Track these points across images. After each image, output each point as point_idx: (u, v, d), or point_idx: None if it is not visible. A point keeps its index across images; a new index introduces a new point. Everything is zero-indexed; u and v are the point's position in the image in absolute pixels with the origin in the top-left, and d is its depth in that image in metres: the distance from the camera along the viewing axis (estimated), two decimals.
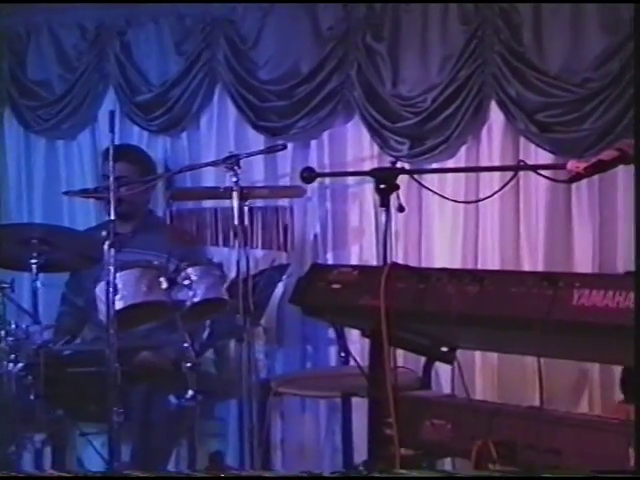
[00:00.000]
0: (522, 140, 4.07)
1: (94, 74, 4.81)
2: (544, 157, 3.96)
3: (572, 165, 2.47)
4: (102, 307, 3.52)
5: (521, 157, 4.00)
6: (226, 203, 3.90)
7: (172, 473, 3.35)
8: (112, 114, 3.60)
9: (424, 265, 4.12)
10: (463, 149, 4.19)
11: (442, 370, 3.80)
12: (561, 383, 2.87)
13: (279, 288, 4.20)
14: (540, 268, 3.96)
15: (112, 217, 3.47)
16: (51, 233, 3.84)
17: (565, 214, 4.02)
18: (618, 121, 3.80)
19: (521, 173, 3.84)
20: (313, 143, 4.50)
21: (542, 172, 2.77)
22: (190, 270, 3.65)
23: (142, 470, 3.64)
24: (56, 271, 4.10)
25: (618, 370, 3.70)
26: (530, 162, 3.81)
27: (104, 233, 3.45)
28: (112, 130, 3.55)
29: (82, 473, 3.20)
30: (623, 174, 3.81)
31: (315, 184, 4.29)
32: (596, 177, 3.56)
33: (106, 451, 3.62)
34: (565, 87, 3.90)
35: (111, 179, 3.51)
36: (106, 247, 3.43)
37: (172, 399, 3.82)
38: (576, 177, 2.48)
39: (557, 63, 3.93)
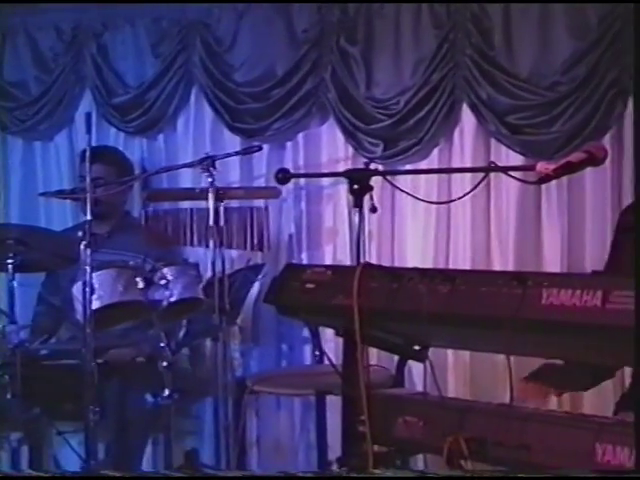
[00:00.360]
0: (493, 142, 4.09)
1: (71, 76, 4.79)
2: (515, 159, 3.98)
3: (541, 167, 2.47)
4: (79, 307, 3.51)
5: (492, 158, 4.02)
6: (202, 204, 3.90)
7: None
8: (89, 116, 3.60)
9: (397, 265, 4.14)
10: (435, 151, 4.21)
11: (415, 368, 3.81)
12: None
13: (254, 288, 4.20)
14: (510, 268, 3.97)
15: (89, 218, 3.48)
16: (27, 234, 3.83)
17: (535, 215, 4.04)
18: (586, 124, 3.83)
19: (492, 174, 3.85)
20: (288, 145, 4.51)
21: (512, 173, 2.77)
22: (166, 270, 3.64)
23: (116, 468, 3.65)
24: (32, 271, 4.09)
25: None
26: (501, 163, 3.80)
27: (80, 233, 3.45)
28: (89, 131, 3.55)
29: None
30: (591, 176, 3.84)
31: (290, 185, 4.31)
32: (565, 178, 3.58)
33: (83, 449, 3.63)
34: (535, 90, 3.93)
35: (88, 180, 3.51)
36: (82, 247, 3.42)
37: (148, 397, 3.82)
38: (545, 178, 2.49)
39: (527, 67, 3.95)
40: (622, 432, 2.17)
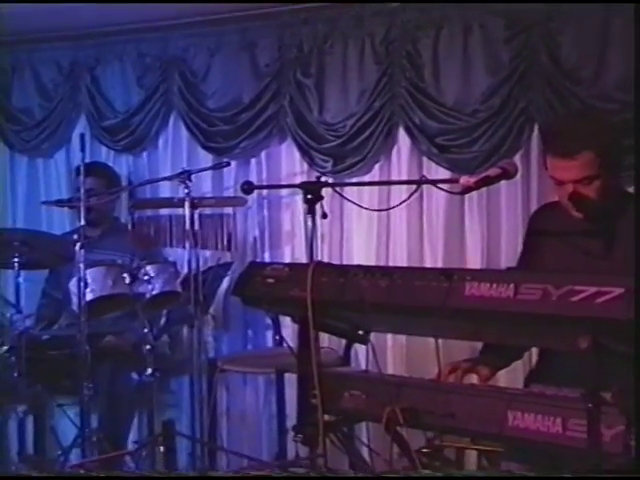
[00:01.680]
0: (425, 159, 4.08)
1: (68, 103, 4.74)
2: (443, 173, 3.98)
3: (464, 180, 2.47)
4: (75, 299, 3.48)
5: (424, 173, 4.02)
6: (179, 211, 3.89)
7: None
8: (82, 136, 3.62)
9: (345, 263, 4.12)
10: (377, 166, 4.20)
11: (360, 350, 3.80)
12: (456, 359, 2.88)
13: (224, 282, 4.16)
14: (439, 265, 3.98)
15: (82, 223, 3.47)
16: (31, 237, 3.80)
17: (459, 220, 4.04)
18: (501, 144, 3.83)
19: (424, 186, 3.84)
20: (253, 161, 4.48)
21: (440, 185, 2.77)
22: (149, 267, 3.62)
23: (107, 436, 3.62)
24: (35, 269, 4.05)
25: None
26: (431, 177, 3.83)
27: (76, 236, 3.44)
28: (82, 150, 3.56)
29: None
30: (505, 187, 3.85)
31: (254, 195, 4.29)
32: (484, 190, 3.57)
33: (78, 419, 3.60)
34: (459, 116, 3.93)
35: (82, 191, 3.50)
36: (77, 248, 3.41)
37: (134, 376, 3.80)
38: (467, 189, 2.48)
39: (452, 97, 3.95)
40: (529, 401, 2.19)
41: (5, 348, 3.55)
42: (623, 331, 1.93)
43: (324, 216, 2.65)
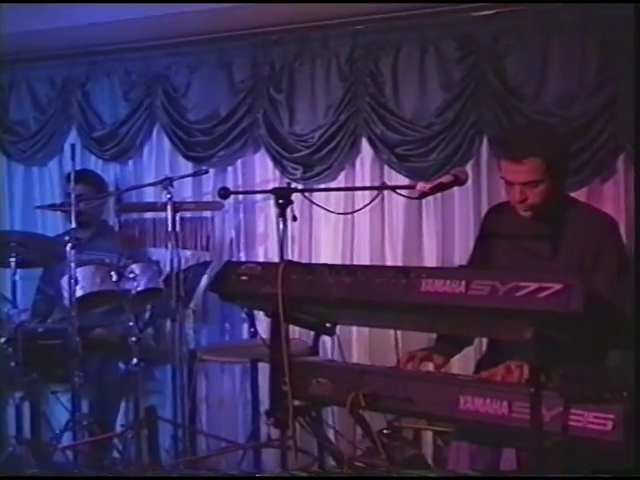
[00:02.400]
0: (386, 167, 4.08)
1: (61, 116, 4.68)
2: (402, 180, 3.98)
3: (420, 186, 2.48)
4: (66, 295, 3.46)
5: (385, 180, 4.02)
6: (162, 214, 3.87)
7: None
8: (73, 147, 3.61)
9: (313, 262, 4.11)
10: (342, 174, 4.19)
11: (327, 341, 3.80)
12: (413, 349, 2.89)
13: (204, 279, 4.13)
14: (399, 263, 3.98)
15: (73, 226, 3.45)
16: (26, 238, 3.77)
17: (417, 222, 4.04)
18: (454, 154, 3.84)
19: (385, 191, 3.85)
20: (229, 169, 4.44)
21: (399, 191, 2.77)
22: (134, 266, 3.60)
23: (97, 419, 3.59)
24: (30, 267, 4.01)
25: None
26: (391, 184, 3.84)
27: (67, 238, 3.41)
28: (73, 158, 3.55)
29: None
30: (459, 193, 3.85)
31: (231, 200, 4.28)
32: (439, 195, 3.58)
33: (70, 405, 3.57)
34: (416, 129, 3.93)
35: (72, 196, 3.47)
36: (69, 249, 3.38)
37: (121, 365, 3.77)
38: (423, 195, 2.49)
39: (410, 111, 3.95)
40: (479, 386, 2.20)
41: (3, 340, 3.51)
42: (563, 322, 1.95)
43: (294, 219, 2.65)
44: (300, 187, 4.05)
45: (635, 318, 1.91)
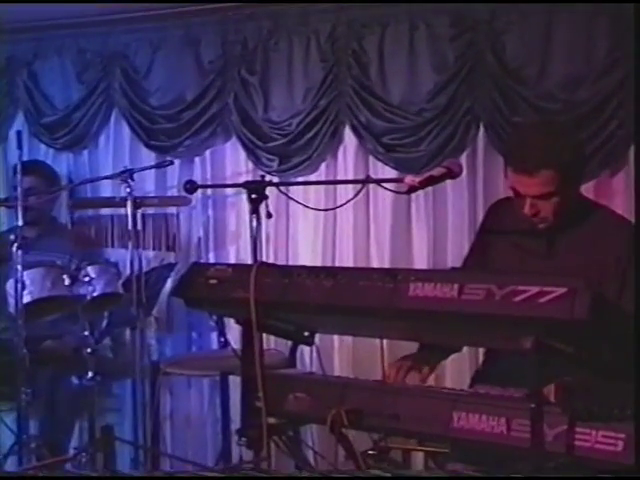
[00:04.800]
0: (371, 158, 4.10)
1: (5, 99, 4.67)
2: (389, 172, 4.00)
3: (409, 179, 2.48)
4: (12, 301, 3.43)
5: (370, 172, 4.03)
6: (121, 211, 3.86)
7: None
8: (19, 134, 3.58)
9: (290, 263, 4.13)
10: (323, 165, 4.20)
11: (306, 351, 3.80)
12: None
13: (168, 283, 4.13)
14: (386, 264, 4.00)
15: (20, 223, 3.42)
16: None
17: (406, 220, 4.06)
18: (446, 144, 3.86)
19: (371, 185, 3.84)
20: (197, 160, 4.45)
21: (386, 185, 2.78)
22: (90, 269, 3.59)
23: (47, 442, 3.57)
24: None
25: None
26: (377, 176, 3.85)
27: (12, 237, 3.39)
28: (20, 147, 3.53)
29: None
30: (452, 187, 3.88)
31: (199, 194, 4.28)
32: (430, 189, 3.62)
33: (16, 426, 3.55)
34: (405, 115, 3.95)
35: (19, 190, 3.45)
36: (14, 249, 3.36)
37: (74, 380, 3.75)
38: (412, 189, 2.49)
39: (398, 96, 3.97)
40: (474, 402, 2.21)
41: None
42: (566, 331, 1.97)
43: (269, 216, 2.64)
44: (276, 180, 4.06)
45: (636, 316, 1.93)
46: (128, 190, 3.73)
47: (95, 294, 3.56)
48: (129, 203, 3.71)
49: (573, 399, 2.06)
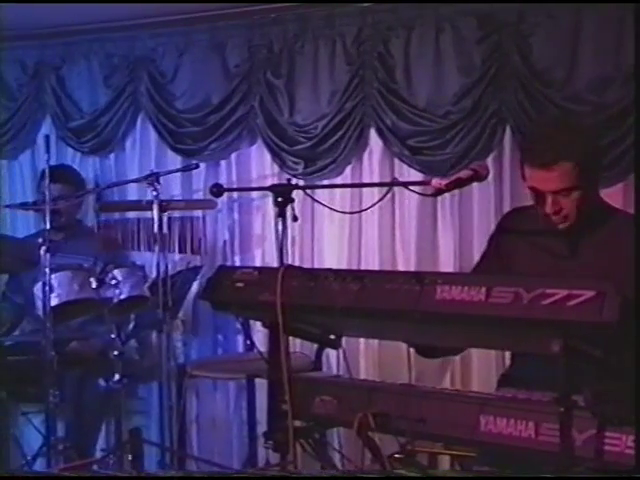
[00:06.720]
0: (397, 161, 4.09)
1: (33, 103, 4.71)
2: (415, 175, 3.99)
3: (436, 182, 2.48)
4: (39, 303, 3.46)
5: (396, 175, 4.03)
6: (147, 214, 3.88)
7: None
8: (47, 138, 3.60)
9: (316, 266, 4.13)
10: (348, 168, 4.20)
11: (332, 355, 3.80)
12: (428, 364, 2.89)
13: (194, 286, 4.15)
14: (412, 267, 3.99)
15: (47, 227, 3.45)
16: None
17: (432, 223, 4.05)
18: (473, 147, 3.85)
19: (396, 188, 3.87)
20: (223, 163, 4.47)
21: (412, 187, 2.78)
22: (116, 271, 3.61)
23: (75, 444, 3.59)
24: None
25: (474, 352, 3.78)
26: (403, 179, 3.84)
27: (40, 240, 3.41)
28: (47, 151, 3.55)
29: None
30: (478, 190, 3.87)
31: (224, 198, 4.28)
32: (456, 192, 3.62)
33: (44, 427, 3.57)
34: (431, 118, 3.94)
35: (47, 195, 3.47)
36: (42, 252, 3.38)
37: (101, 382, 3.77)
38: (439, 192, 2.49)
39: (424, 98, 3.97)
40: (502, 405, 2.20)
41: None
42: (594, 334, 1.95)
43: (295, 219, 2.65)
44: (301, 183, 4.06)
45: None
46: (154, 193, 3.74)
47: (122, 297, 3.58)
48: (155, 206, 3.72)
49: (603, 403, 2.04)
